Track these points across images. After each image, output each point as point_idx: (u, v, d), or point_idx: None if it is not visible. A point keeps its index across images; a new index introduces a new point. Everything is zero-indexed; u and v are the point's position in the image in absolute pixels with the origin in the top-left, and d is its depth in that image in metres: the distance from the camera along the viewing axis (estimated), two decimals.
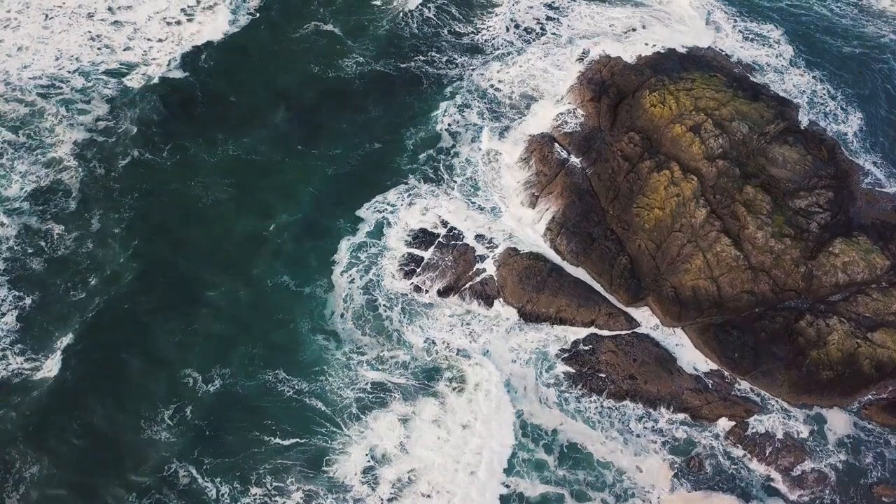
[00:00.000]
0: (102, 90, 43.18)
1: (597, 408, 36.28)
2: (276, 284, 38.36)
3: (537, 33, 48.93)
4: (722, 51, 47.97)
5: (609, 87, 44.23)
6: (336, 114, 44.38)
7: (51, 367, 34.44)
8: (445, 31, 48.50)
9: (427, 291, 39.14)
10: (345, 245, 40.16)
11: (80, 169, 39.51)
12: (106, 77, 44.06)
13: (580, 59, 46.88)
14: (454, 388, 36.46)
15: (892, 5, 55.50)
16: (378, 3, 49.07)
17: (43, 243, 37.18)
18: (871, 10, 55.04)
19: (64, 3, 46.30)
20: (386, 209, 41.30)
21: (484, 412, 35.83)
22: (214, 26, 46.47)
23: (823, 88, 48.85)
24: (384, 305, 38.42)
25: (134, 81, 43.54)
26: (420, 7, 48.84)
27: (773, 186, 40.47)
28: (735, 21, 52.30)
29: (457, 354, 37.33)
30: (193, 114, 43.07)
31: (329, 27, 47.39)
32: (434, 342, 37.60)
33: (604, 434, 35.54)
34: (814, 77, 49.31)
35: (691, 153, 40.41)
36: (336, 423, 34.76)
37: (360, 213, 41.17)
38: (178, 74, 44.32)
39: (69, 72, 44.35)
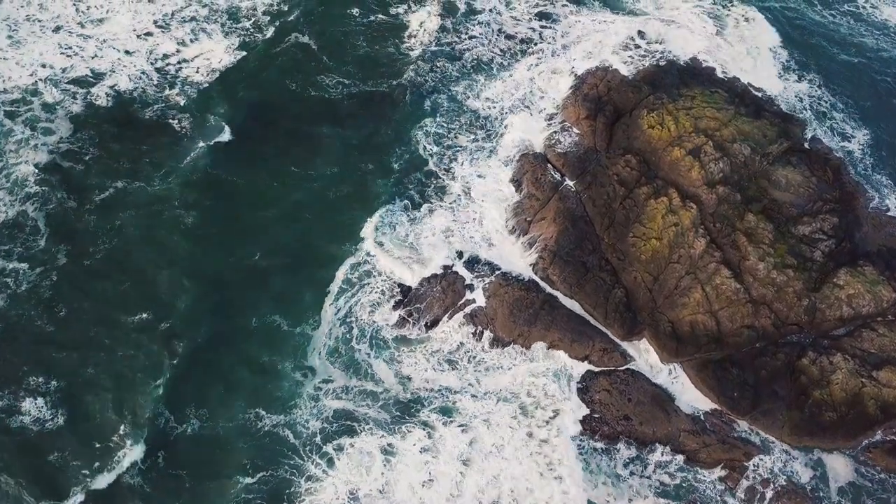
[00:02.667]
0: (70, 107, 40.54)
1: (587, 449, 34.86)
2: (264, 322, 36.43)
3: (529, 44, 46.49)
4: (722, 65, 45.70)
5: (605, 104, 42.14)
6: (324, 134, 42.06)
7: (17, 406, 32.80)
8: (432, 44, 46.08)
9: (414, 324, 37.40)
10: (337, 274, 38.13)
11: (46, 197, 37.47)
12: (75, 88, 41.29)
13: (574, 73, 44.73)
14: (441, 422, 34.99)
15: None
16: (355, 12, 46.38)
17: (9, 280, 35.15)
18: (869, 20, 52.84)
19: (31, 15, 43.85)
20: (373, 237, 39.10)
21: (479, 449, 34.45)
22: (194, 43, 43.88)
23: (825, 103, 47.01)
24: (364, 340, 36.57)
25: (101, 98, 40.88)
26: (406, 19, 46.48)
27: (776, 211, 38.65)
28: (737, 26, 50.25)
29: (444, 390, 35.82)
30: (170, 135, 40.42)
31: (306, 40, 44.78)
32: (414, 377, 35.88)
33: (593, 477, 34.11)
34: (815, 90, 47.44)
35: (690, 178, 38.50)
36: (306, 457, 33.37)
37: (347, 241, 39.08)
38: (152, 91, 41.87)
39: (40, 79, 42.02)
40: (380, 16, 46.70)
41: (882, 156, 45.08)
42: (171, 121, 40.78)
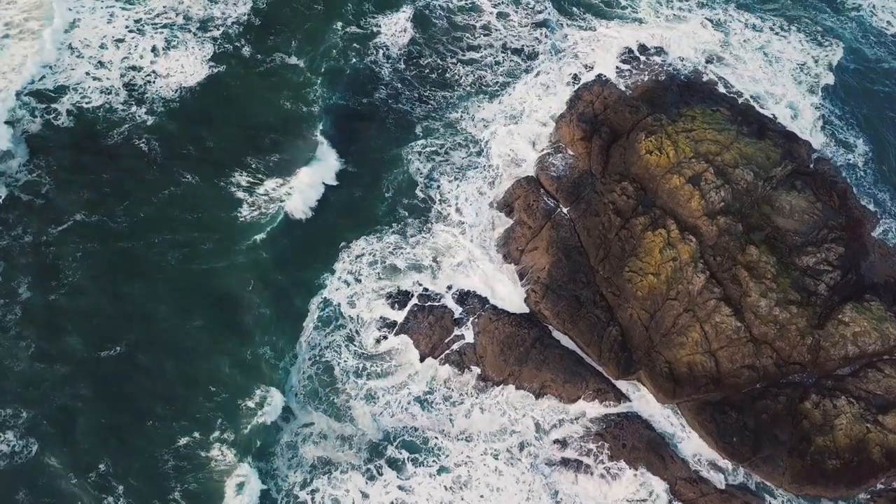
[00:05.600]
0: (28, 125, 37.57)
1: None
2: (254, 356, 34.27)
3: (522, 57, 43.85)
4: (724, 79, 43.42)
5: (601, 124, 39.84)
6: (306, 154, 39.28)
7: None
8: (420, 59, 43.34)
9: (399, 360, 35.57)
10: (313, 306, 35.98)
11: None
12: (35, 103, 38.39)
13: (569, 86, 42.34)
14: (425, 464, 33.40)
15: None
16: (338, 26, 43.37)
17: None
18: (865, 25, 50.57)
19: None
20: (359, 266, 36.97)
21: (462, 496, 32.97)
22: (167, 53, 40.79)
23: (828, 113, 45.07)
24: (347, 379, 34.66)
25: (64, 117, 37.77)
26: (392, 32, 43.60)
27: (779, 241, 36.77)
28: (741, 34, 47.94)
29: (426, 431, 34.14)
30: (136, 158, 37.55)
31: (294, 60, 41.64)
32: (393, 419, 34.11)
33: None
34: (818, 100, 45.50)
35: (690, 209, 36.47)
36: None
37: (328, 271, 36.86)
38: (119, 108, 38.95)
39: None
40: (358, 24, 43.91)
41: (884, 172, 43.26)
42: (137, 142, 37.93)
